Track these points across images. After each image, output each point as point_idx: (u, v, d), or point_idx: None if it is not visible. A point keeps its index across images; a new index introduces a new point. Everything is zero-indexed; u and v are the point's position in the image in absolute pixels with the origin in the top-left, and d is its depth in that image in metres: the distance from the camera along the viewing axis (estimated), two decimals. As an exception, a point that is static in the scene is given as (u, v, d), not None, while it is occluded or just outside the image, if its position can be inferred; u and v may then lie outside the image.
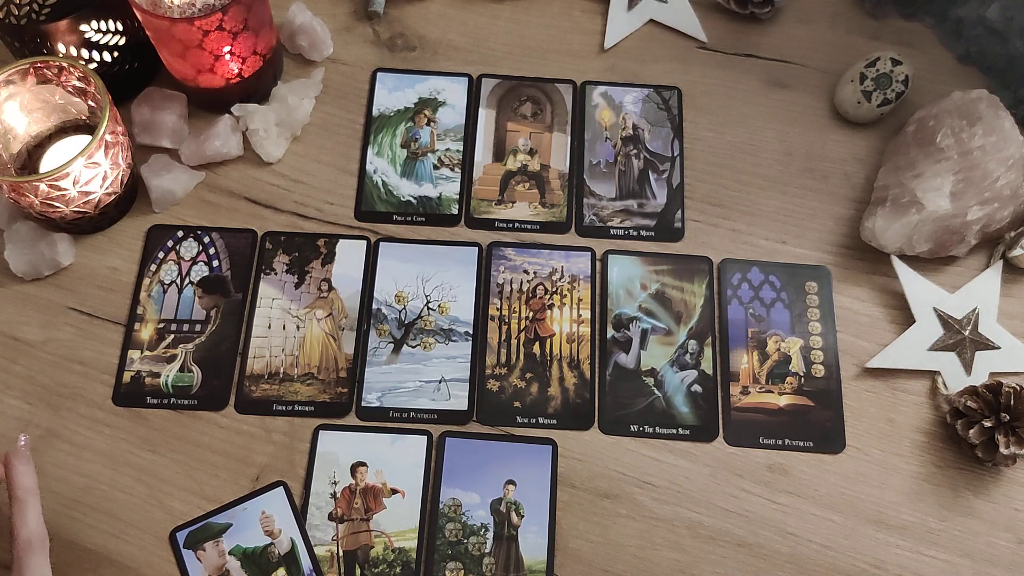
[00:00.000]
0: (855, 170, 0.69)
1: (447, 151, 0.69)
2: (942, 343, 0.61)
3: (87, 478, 0.57)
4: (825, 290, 0.64)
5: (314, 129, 0.69)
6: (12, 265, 0.62)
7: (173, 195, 0.66)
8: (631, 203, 0.67)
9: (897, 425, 0.60)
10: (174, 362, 0.61)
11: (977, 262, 0.65)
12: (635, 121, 0.70)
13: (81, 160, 0.57)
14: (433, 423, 0.60)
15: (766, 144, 0.70)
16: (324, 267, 0.64)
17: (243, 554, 0.55)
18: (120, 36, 0.65)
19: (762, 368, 0.62)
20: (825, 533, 0.57)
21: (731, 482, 0.58)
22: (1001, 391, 0.57)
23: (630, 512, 0.57)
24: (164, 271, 0.64)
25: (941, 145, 0.62)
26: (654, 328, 0.63)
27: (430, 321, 0.63)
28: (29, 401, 0.60)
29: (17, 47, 0.63)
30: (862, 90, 0.68)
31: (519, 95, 0.71)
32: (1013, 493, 0.58)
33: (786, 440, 0.60)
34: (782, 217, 0.67)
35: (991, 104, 0.63)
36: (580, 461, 0.59)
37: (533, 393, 0.61)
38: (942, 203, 0.61)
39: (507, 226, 0.66)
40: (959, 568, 0.56)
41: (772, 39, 0.74)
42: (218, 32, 0.60)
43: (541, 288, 0.64)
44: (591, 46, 0.74)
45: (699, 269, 0.65)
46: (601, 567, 0.56)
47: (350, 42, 0.73)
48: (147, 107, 0.67)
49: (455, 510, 0.57)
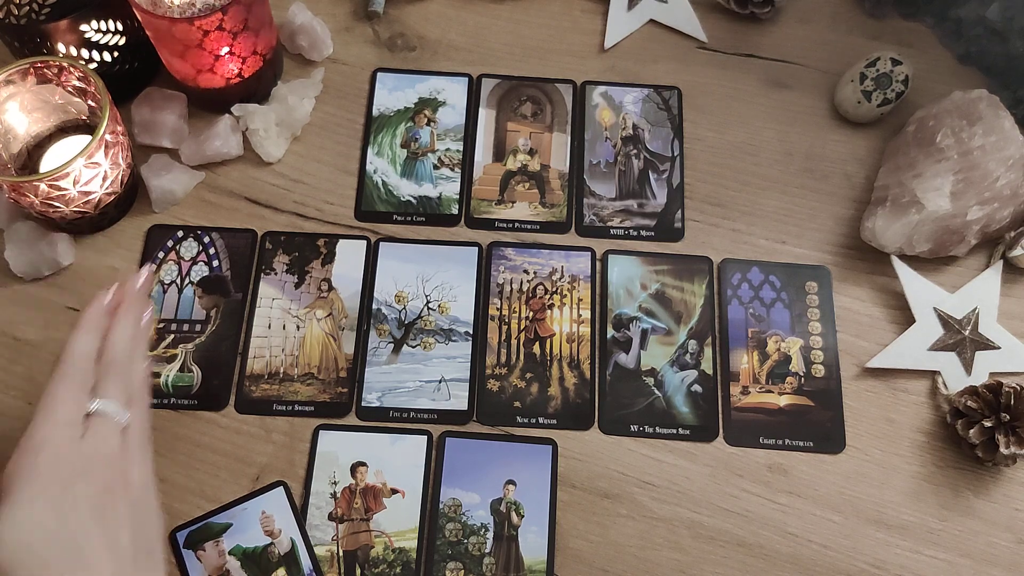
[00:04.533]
0: (855, 170, 0.69)
1: (447, 151, 0.69)
2: (942, 343, 0.61)
3: (87, 478, 0.57)
4: (825, 290, 0.64)
5: (314, 129, 0.69)
6: (12, 265, 0.62)
7: (173, 195, 0.66)
8: (631, 203, 0.67)
9: (897, 425, 0.60)
10: (174, 362, 0.61)
11: (977, 262, 0.65)
12: (635, 121, 0.70)
13: (81, 160, 0.57)
14: (433, 423, 0.60)
15: (766, 144, 0.70)
16: (324, 267, 0.64)
17: (243, 554, 0.55)
18: (120, 36, 0.65)
19: (762, 368, 0.62)
20: (825, 533, 0.57)
21: (731, 482, 0.58)
22: (1001, 391, 0.57)
23: (630, 512, 0.57)
24: (164, 271, 0.64)
25: (941, 145, 0.62)
26: (654, 328, 0.63)
27: (430, 321, 0.63)
28: (29, 401, 0.60)
29: (17, 47, 0.63)
30: (862, 90, 0.68)
31: (519, 95, 0.71)
32: (1013, 493, 0.58)
33: (786, 440, 0.60)
34: (782, 217, 0.67)
35: (991, 104, 0.63)
36: (580, 461, 0.59)
37: (533, 393, 0.61)
38: (942, 203, 0.61)
39: (507, 226, 0.66)
40: (959, 568, 0.56)
41: (772, 39, 0.74)
42: (218, 32, 0.60)
43: (541, 288, 0.64)
44: (591, 46, 0.74)
45: (699, 269, 0.65)
46: (601, 567, 0.56)
47: (350, 42, 0.73)
48: (147, 107, 0.67)
49: (455, 510, 0.57)
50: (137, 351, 0.48)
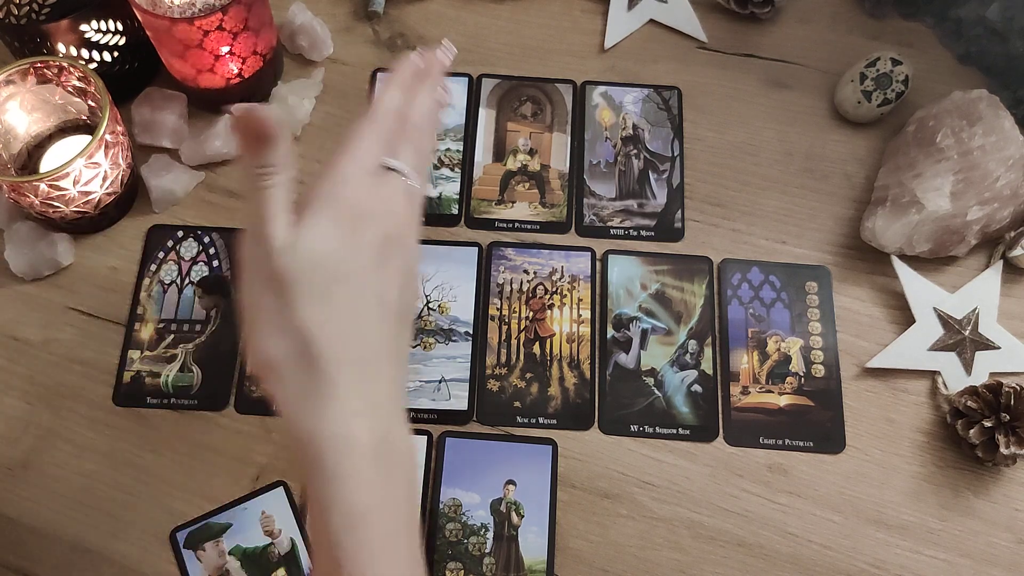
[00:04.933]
0: (855, 170, 0.69)
1: (447, 151, 0.69)
2: (942, 343, 0.61)
3: (87, 478, 0.57)
4: (825, 290, 0.64)
5: (314, 129, 0.69)
6: (12, 265, 0.62)
7: (173, 195, 0.66)
8: (631, 203, 0.67)
9: (897, 425, 0.60)
10: (174, 362, 0.61)
11: (977, 262, 0.65)
12: (635, 121, 0.70)
13: (81, 160, 0.57)
14: (433, 423, 0.60)
15: (766, 144, 0.70)
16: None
17: (243, 554, 0.55)
18: (120, 36, 0.65)
19: (762, 368, 0.62)
20: (825, 533, 0.57)
21: (731, 482, 0.58)
22: (1001, 391, 0.57)
23: (630, 512, 0.57)
24: (164, 271, 0.64)
25: (941, 145, 0.62)
26: (654, 328, 0.63)
27: (430, 321, 0.63)
28: (29, 401, 0.60)
29: (17, 47, 0.63)
30: (862, 90, 0.68)
31: (519, 95, 0.72)
32: (1013, 493, 0.58)
33: (786, 440, 0.60)
34: (782, 217, 0.67)
35: (991, 104, 0.63)
36: (580, 461, 0.59)
37: (533, 393, 0.61)
38: (942, 203, 0.61)
39: (507, 226, 0.66)
40: (959, 568, 0.56)
41: (772, 39, 0.74)
42: (218, 32, 0.60)
43: (541, 288, 0.64)
44: (591, 46, 0.74)
45: (699, 269, 0.65)
46: (601, 567, 0.56)
47: (350, 42, 0.73)
48: (147, 107, 0.67)
49: (455, 510, 0.57)
50: (434, 124, 0.48)
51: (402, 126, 0.44)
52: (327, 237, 0.39)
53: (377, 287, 0.40)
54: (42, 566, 0.55)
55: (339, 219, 0.39)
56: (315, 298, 0.38)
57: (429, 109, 0.47)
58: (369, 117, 0.43)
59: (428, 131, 0.47)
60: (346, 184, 0.40)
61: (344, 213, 0.39)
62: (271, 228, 0.38)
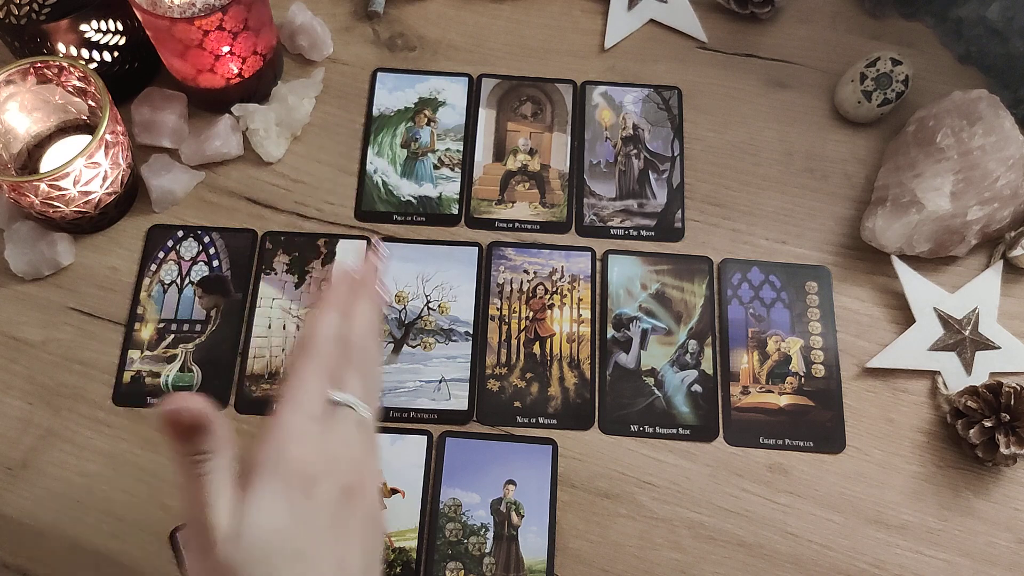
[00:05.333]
0: (855, 170, 0.69)
1: (447, 151, 0.69)
2: (942, 343, 0.61)
3: (87, 478, 0.57)
4: (825, 290, 0.64)
5: (314, 129, 0.69)
6: (12, 265, 0.62)
7: (173, 195, 0.66)
8: (631, 203, 0.67)
9: (897, 425, 0.60)
10: (174, 362, 0.61)
11: (977, 262, 0.65)
12: (635, 121, 0.70)
13: (81, 160, 0.57)
14: (433, 423, 0.60)
15: (766, 144, 0.70)
16: (324, 267, 0.64)
17: (243, 554, 0.55)
18: (120, 36, 0.65)
19: (762, 368, 0.62)
20: (825, 533, 0.57)
21: (731, 482, 0.58)
22: (1001, 391, 0.57)
23: (630, 512, 0.57)
24: (164, 271, 0.64)
25: (941, 145, 0.62)
26: (654, 328, 0.63)
27: (430, 321, 0.63)
28: (29, 401, 0.60)
29: (17, 47, 0.63)
30: (862, 90, 0.68)
31: (519, 95, 0.72)
32: (1013, 493, 0.58)
33: (786, 440, 0.60)
34: (782, 217, 0.67)
35: (991, 104, 0.63)
36: (580, 461, 0.59)
37: (533, 393, 0.61)
38: (942, 203, 0.61)
39: (507, 226, 0.66)
40: (959, 568, 0.56)
41: (772, 39, 0.74)
42: (218, 32, 0.60)
43: (541, 288, 0.64)
44: (591, 46, 0.74)
45: (699, 269, 0.65)
46: (601, 567, 0.56)
47: (350, 42, 0.73)
48: (147, 107, 0.67)
49: (455, 510, 0.57)
50: (377, 337, 0.45)
51: (345, 352, 0.42)
52: (275, 513, 0.35)
53: (336, 553, 0.37)
54: (42, 566, 0.55)
55: (288, 486, 0.36)
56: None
57: (370, 323, 0.44)
58: (308, 352, 0.40)
59: (372, 349, 0.44)
60: (291, 441, 0.37)
61: (293, 478, 0.36)
62: (213, 517, 0.35)
